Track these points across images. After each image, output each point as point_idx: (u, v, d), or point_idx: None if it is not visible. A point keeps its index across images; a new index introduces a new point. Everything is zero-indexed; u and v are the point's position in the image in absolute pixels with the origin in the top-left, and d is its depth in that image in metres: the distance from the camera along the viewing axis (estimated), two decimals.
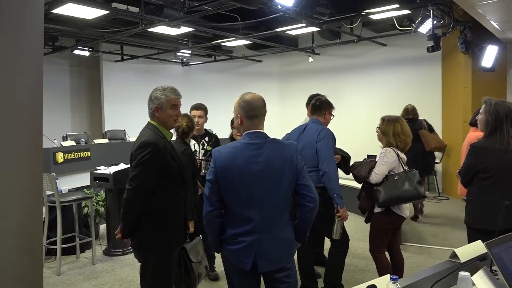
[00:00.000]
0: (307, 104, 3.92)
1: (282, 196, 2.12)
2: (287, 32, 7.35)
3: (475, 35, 6.69)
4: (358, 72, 9.14)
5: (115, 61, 9.82)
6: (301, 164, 2.16)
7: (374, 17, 6.49)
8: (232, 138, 3.50)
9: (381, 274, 3.12)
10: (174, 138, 3.13)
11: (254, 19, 6.72)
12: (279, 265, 2.12)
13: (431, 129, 6.32)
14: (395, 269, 3.31)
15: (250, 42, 8.42)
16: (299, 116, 4.10)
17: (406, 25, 6.65)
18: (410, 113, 6.02)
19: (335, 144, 3.36)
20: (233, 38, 7.67)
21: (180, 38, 8.15)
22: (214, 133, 4.21)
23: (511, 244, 1.95)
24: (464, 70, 7.29)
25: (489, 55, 6.78)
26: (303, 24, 6.55)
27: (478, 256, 1.93)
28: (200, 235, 3.29)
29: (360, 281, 1.57)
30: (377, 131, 3.40)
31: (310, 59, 9.10)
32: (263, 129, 2.17)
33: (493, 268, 1.87)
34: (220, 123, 6.56)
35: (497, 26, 6.27)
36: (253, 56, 10.24)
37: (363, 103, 8.92)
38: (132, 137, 7.84)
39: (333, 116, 3.53)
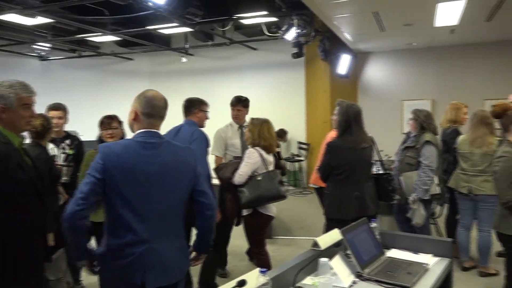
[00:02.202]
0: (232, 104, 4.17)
1: (178, 202, 1.97)
2: (159, 30, 7.17)
3: (332, 44, 7.46)
4: (231, 74, 9.38)
5: None
6: (199, 169, 2.06)
7: (245, 21, 6.76)
8: (100, 139, 3.26)
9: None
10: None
11: (123, 14, 6.39)
12: (171, 280, 1.92)
13: None
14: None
15: (120, 39, 7.98)
16: (173, 117, 4.02)
17: (274, 31, 7.07)
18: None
19: (208, 145, 3.38)
20: (100, 33, 7.18)
21: (37, 29, 7.30)
22: (77, 135, 3.87)
23: (361, 230, 2.23)
24: (323, 75, 8.08)
25: (344, 63, 7.65)
26: (175, 24, 6.47)
27: (335, 243, 2.15)
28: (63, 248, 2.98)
29: (233, 278, 1.61)
30: (245, 131, 3.52)
31: (183, 60, 9.04)
32: (159, 131, 2.00)
33: (347, 252, 2.11)
34: (86, 125, 6.07)
35: (349, 38, 7.10)
36: (123, 54, 9.73)
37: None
38: None
39: (207, 111, 3.50)
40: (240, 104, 4.11)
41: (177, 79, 9.81)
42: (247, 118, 4.27)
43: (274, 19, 6.61)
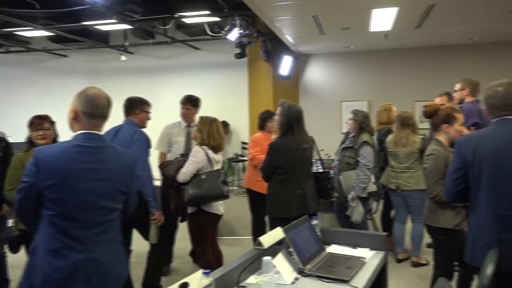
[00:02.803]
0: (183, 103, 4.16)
1: (115, 209, 1.90)
2: (96, 26, 6.87)
3: (274, 46, 7.58)
4: (173, 74, 9.22)
5: None
6: (137, 176, 2.02)
7: (187, 20, 6.67)
8: (30, 141, 3.04)
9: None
10: None
11: (56, 8, 6.03)
12: None
13: None
14: (216, 264, 3.44)
15: (53, 34, 7.53)
16: (113, 117, 3.89)
17: (217, 31, 7.04)
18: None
19: (149, 146, 3.30)
20: (31, 28, 6.73)
21: None
22: (5, 136, 3.59)
23: (302, 227, 2.28)
24: (266, 76, 8.19)
25: (285, 64, 7.80)
26: (113, 20, 6.22)
27: (278, 241, 2.18)
28: None
29: (177, 280, 1.59)
30: (193, 129, 3.50)
31: (123, 58, 8.73)
32: (101, 132, 1.90)
33: (290, 250, 2.15)
34: (15, 126, 5.69)
35: (291, 40, 7.26)
36: (56, 50, 9.19)
37: (178, 103, 9.05)
38: None
39: (149, 112, 3.40)
40: (189, 103, 4.13)
41: (117, 78, 9.45)
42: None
43: (216, 19, 6.58)
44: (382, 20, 5.88)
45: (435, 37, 7.30)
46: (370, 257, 2.31)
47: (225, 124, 8.31)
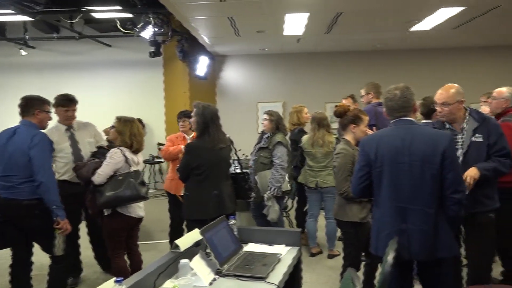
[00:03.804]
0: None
1: None
2: None
3: (190, 46, 7.49)
4: (81, 71, 8.64)
5: None
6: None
7: (97, 15, 6.30)
8: None
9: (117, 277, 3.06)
10: None
11: None
12: None
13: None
14: (134, 270, 3.27)
15: None
16: (11, 118, 3.53)
17: (130, 28, 6.76)
18: None
19: (53, 150, 3.05)
20: None
21: None
22: None
23: (219, 228, 2.29)
24: (182, 76, 8.07)
25: (202, 65, 7.76)
26: (10, 11, 5.65)
27: (195, 243, 2.16)
28: None
29: None
30: (108, 130, 3.32)
31: (23, 52, 7.97)
32: None
33: (207, 251, 2.14)
34: None
35: (207, 40, 7.24)
36: None
37: (87, 103, 8.48)
38: None
39: (50, 112, 3.14)
40: (73, 103, 3.71)
41: (16, 74, 8.60)
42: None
43: (129, 15, 6.32)
44: (295, 24, 6.13)
45: (343, 42, 7.80)
46: (285, 253, 2.39)
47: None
